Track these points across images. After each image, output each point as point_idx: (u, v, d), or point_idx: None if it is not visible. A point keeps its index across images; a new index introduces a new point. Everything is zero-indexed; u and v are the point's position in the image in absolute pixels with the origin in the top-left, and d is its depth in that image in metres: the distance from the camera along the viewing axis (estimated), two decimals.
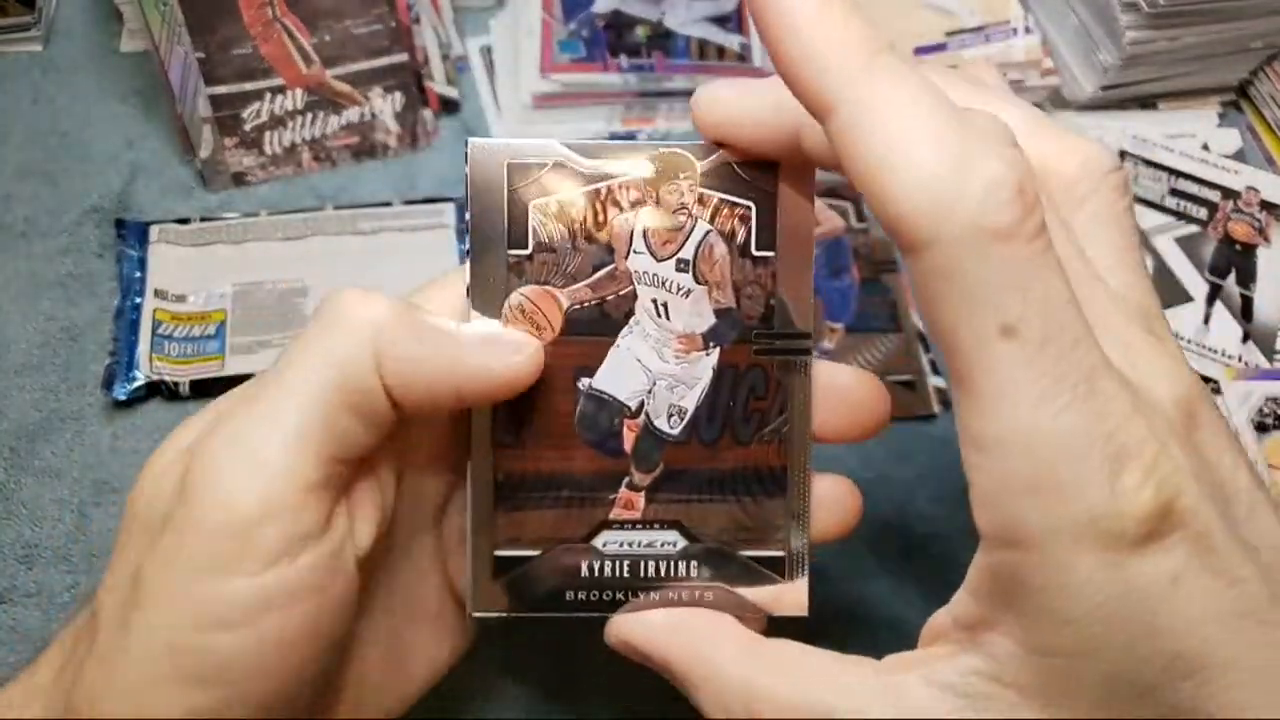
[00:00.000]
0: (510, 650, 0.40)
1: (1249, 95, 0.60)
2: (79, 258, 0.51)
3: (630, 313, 0.29)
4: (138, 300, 0.49)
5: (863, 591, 0.42)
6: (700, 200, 0.28)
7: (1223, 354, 0.50)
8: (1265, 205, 0.53)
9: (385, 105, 0.56)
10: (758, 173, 0.28)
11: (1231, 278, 0.52)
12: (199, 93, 0.53)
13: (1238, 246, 0.53)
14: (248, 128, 0.54)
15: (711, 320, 0.29)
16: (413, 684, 0.32)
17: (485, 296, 0.28)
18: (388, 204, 0.53)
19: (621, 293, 0.28)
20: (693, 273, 0.28)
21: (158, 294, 0.49)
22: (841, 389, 0.30)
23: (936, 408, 0.48)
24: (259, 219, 0.52)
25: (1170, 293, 0.52)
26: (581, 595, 0.29)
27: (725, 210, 0.28)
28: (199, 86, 0.53)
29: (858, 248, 0.53)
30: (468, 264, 0.28)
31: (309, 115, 0.55)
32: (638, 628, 0.28)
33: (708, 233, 0.28)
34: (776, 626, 0.41)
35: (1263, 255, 0.52)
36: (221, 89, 0.53)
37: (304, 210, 0.53)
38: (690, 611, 0.29)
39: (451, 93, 0.58)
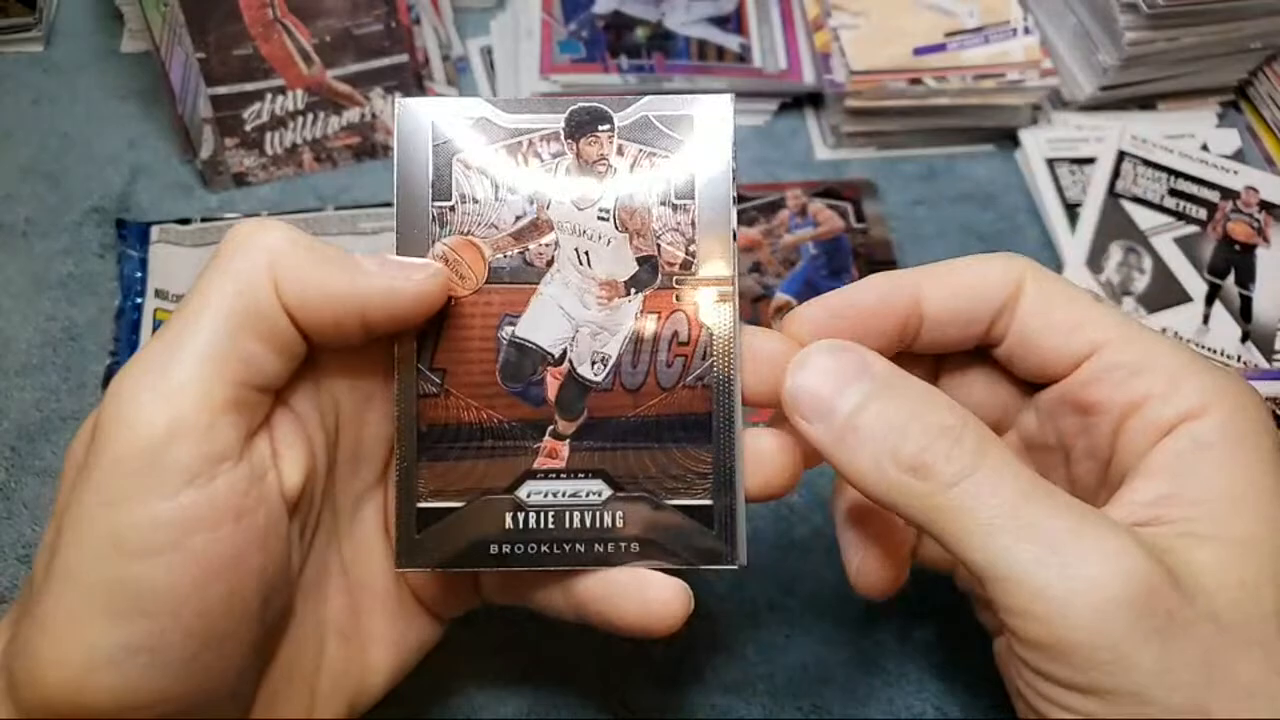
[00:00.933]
0: (508, 647, 0.40)
1: (1248, 95, 0.60)
2: (80, 258, 0.51)
3: (552, 261, 0.29)
4: (138, 300, 0.49)
5: None
6: (619, 151, 0.29)
7: (1222, 354, 0.50)
8: (1264, 205, 0.53)
9: (385, 105, 0.56)
10: (675, 123, 0.29)
11: (1230, 278, 0.52)
12: (200, 93, 0.53)
13: (1237, 247, 0.53)
14: (248, 128, 0.54)
15: (633, 267, 0.29)
16: (374, 671, 0.31)
17: (410, 248, 0.29)
18: (388, 204, 0.53)
19: (544, 241, 0.29)
20: (614, 221, 0.29)
21: (158, 294, 0.49)
22: (766, 352, 0.29)
23: None
24: (259, 219, 0.52)
25: (1169, 293, 0.52)
26: (506, 549, 0.29)
27: (644, 160, 0.29)
28: (200, 87, 0.53)
29: (857, 248, 0.53)
30: (396, 217, 0.29)
31: (310, 115, 0.55)
32: None
33: (627, 182, 0.29)
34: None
35: (1262, 255, 0.52)
36: (222, 89, 0.54)
37: (305, 210, 0.53)
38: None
39: (451, 93, 0.58)
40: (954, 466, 0.25)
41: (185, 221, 0.52)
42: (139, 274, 0.50)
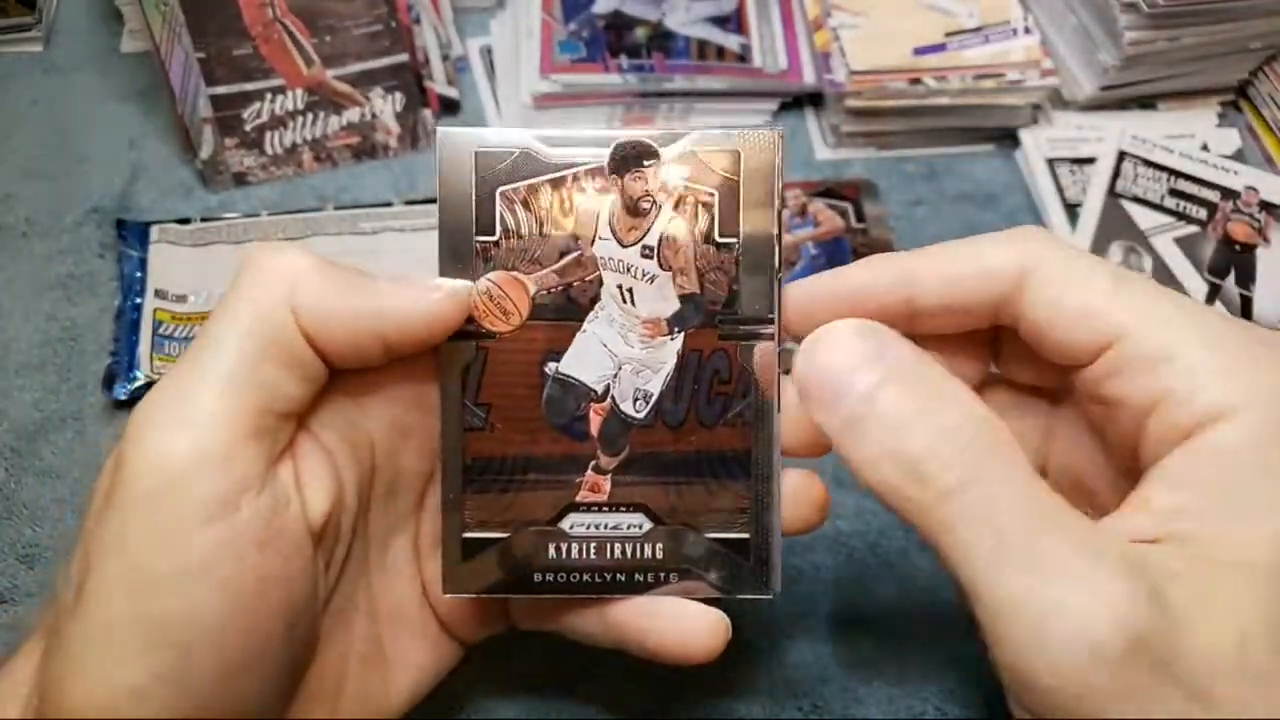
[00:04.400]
0: (510, 651, 0.40)
1: (1248, 95, 0.60)
2: (80, 258, 0.51)
3: (596, 298, 0.29)
4: (138, 300, 0.49)
5: (864, 593, 0.43)
6: (664, 187, 0.29)
7: None
8: (1264, 205, 0.53)
9: (385, 105, 0.56)
10: (721, 160, 0.29)
11: (1231, 278, 0.52)
12: (200, 93, 0.53)
13: (1237, 247, 0.53)
14: (248, 128, 0.54)
15: (676, 305, 0.29)
16: (396, 695, 0.32)
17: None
18: (388, 204, 0.53)
19: (587, 278, 0.29)
20: (657, 259, 0.29)
21: (158, 294, 0.49)
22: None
23: None
24: (260, 219, 0.52)
25: None
26: (550, 577, 0.29)
27: (689, 197, 0.29)
28: (200, 87, 0.53)
29: (857, 248, 0.53)
30: (437, 250, 0.29)
31: (309, 115, 0.55)
32: None
33: (671, 219, 0.29)
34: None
35: (1262, 255, 0.52)
36: (222, 89, 0.54)
37: (304, 210, 0.53)
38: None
39: (451, 93, 0.58)
40: (952, 475, 0.24)
41: (185, 221, 0.52)
42: (139, 274, 0.50)
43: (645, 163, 0.29)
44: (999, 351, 0.31)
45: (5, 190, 0.54)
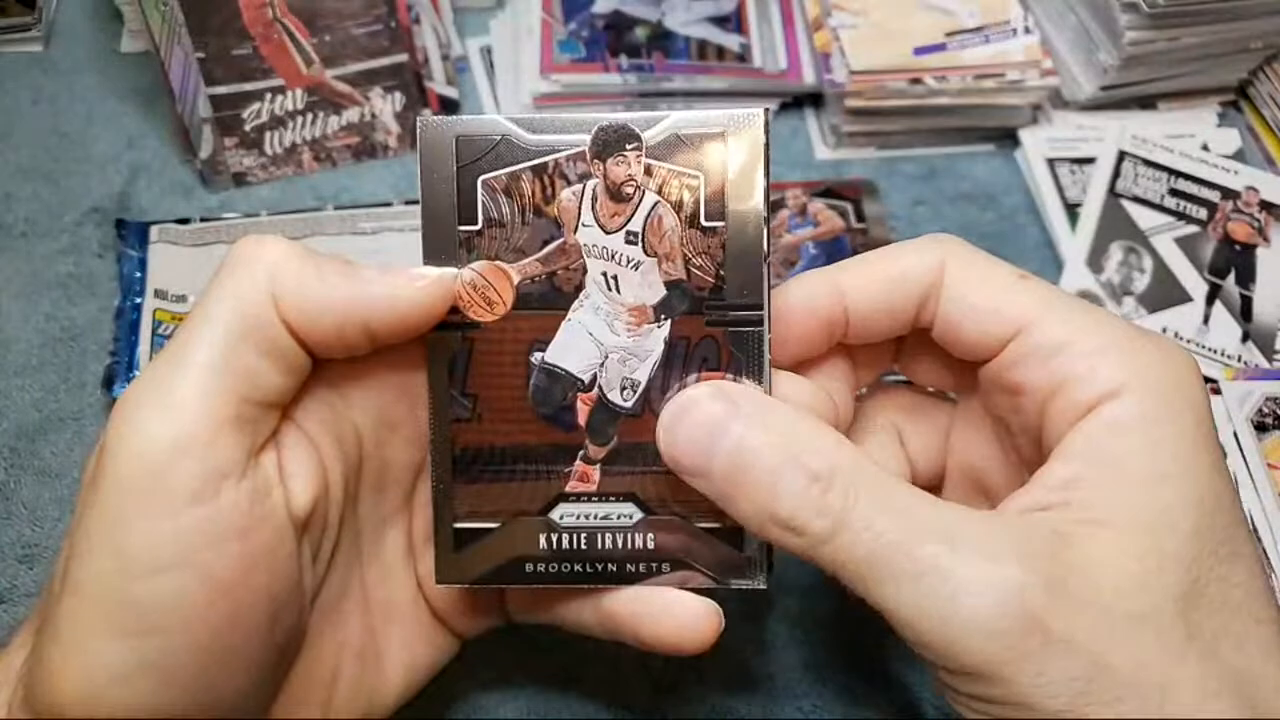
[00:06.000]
0: (510, 650, 0.40)
1: (1248, 95, 0.60)
2: (79, 258, 0.51)
3: (581, 286, 0.29)
4: (138, 300, 0.49)
5: None
6: (648, 171, 0.28)
7: (1222, 354, 0.50)
8: (1265, 205, 0.53)
9: (385, 105, 0.56)
10: (706, 141, 0.28)
11: (1231, 278, 0.52)
12: (199, 93, 0.53)
13: (1237, 246, 0.53)
14: (248, 128, 0.54)
15: (662, 292, 0.29)
16: (391, 688, 0.32)
17: None
18: (388, 204, 0.53)
19: (571, 266, 0.29)
20: (642, 245, 0.28)
21: (158, 294, 0.49)
22: (793, 397, 0.30)
23: None
24: (259, 219, 0.52)
25: (1169, 293, 0.52)
26: (540, 567, 0.29)
27: (673, 181, 0.28)
28: (199, 87, 0.53)
29: (857, 248, 0.53)
30: (421, 240, 0.29)
31: (309, 115, 0.55)
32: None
33: (655, 204, 0.28)
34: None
35: (1262, 255, 0.52)
36: (222, 89, 0.54)
37: (304, 210, 0.53)
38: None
39: (451, 93, 0.58)
40: (825, 521, 0.25)
41: (185, 221, 0.52)
42: (138, 274, 0.50)
43: (628, 146, 0.28)
44: (901, 354, 0.33)
45: (5, 190, 0.54)
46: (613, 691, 0.40)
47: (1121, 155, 0.55)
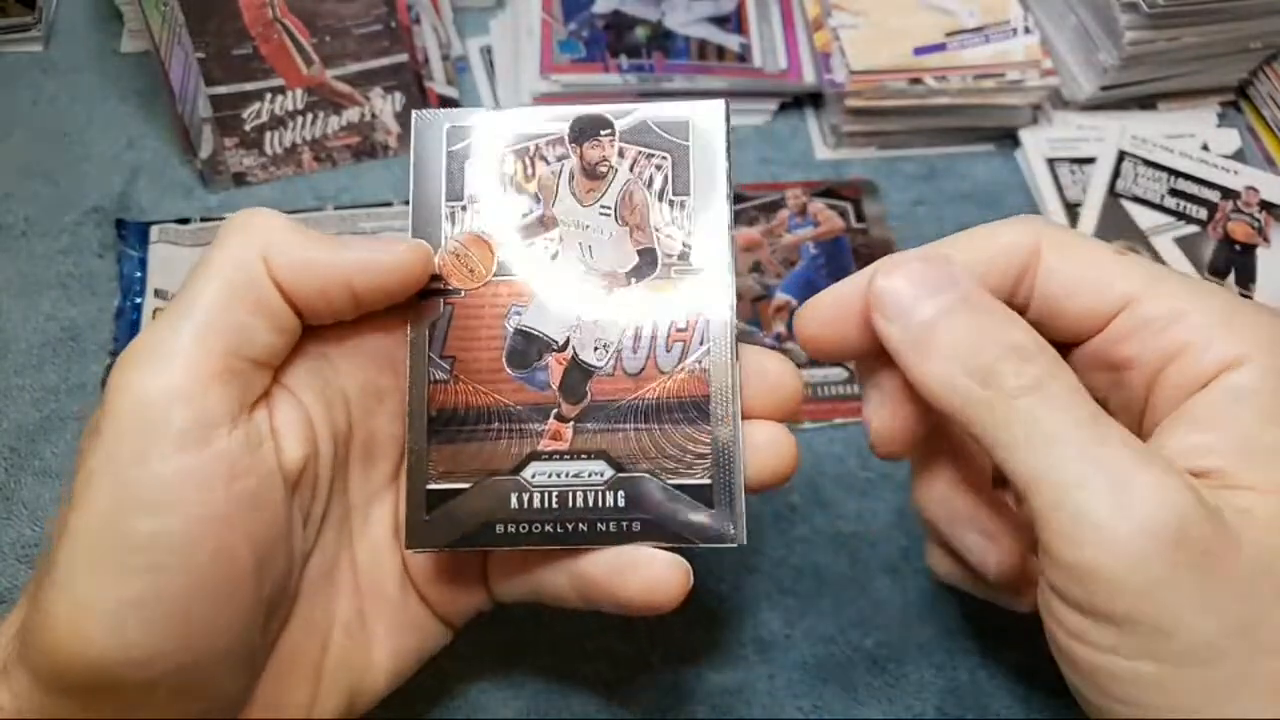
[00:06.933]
0: (510, 649, 0.40)
1: (1248, 95, 0.60)
2: (79, 258, 0.51)
3: (557, 255, 0.31)
4: (138, 300, 0.49)
5: (864, 593, 0.43)
6: (620, 153, 0.31)
7: None
8: (1265, 205, 0.53)
9: (385, 105, 0.56)
10: (672, 127, 0.31)
11: (1231, 278, 0.52)
12: (199, 93, 0.53)
13: (1237, 247, 0.53)
14: (248, 128, 0.54)
15: (634, 259, 0.31)
16: (379, 670, 0.32)
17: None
18: (388, 204, 0.53)
19: (549, 236, 0.31)
20: (615, 216, 0.31)
21: (158, 294, 0.49)
22: (759, 369, 0.30)
23: None
24: None
25: None
26: (512, 528, 0.30)
27: (643, 161, 0.31)
28: (199, 87, 0.53)
29: (857, 248, 0.53)
30: (410, 217, 0.31)
31: (309, 115, 0.55)
32: None
33: (627, 181, 0.31)
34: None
35: (1262, 255, 0.52)
36: (222, 89, 0.54)
37: (304, 210, 0.53)
38: None
39: (451, 93, 0.58)
40: (1021, 380, 0.25)
41: (185, 221, 0.52)
42: (139, 274, 0.50)
43: (602, 132, 0.31)
44: None
45: (5, 190, 0.54)
46: (612, 692, 0.40)
47: (1121, 155, 0.55)
